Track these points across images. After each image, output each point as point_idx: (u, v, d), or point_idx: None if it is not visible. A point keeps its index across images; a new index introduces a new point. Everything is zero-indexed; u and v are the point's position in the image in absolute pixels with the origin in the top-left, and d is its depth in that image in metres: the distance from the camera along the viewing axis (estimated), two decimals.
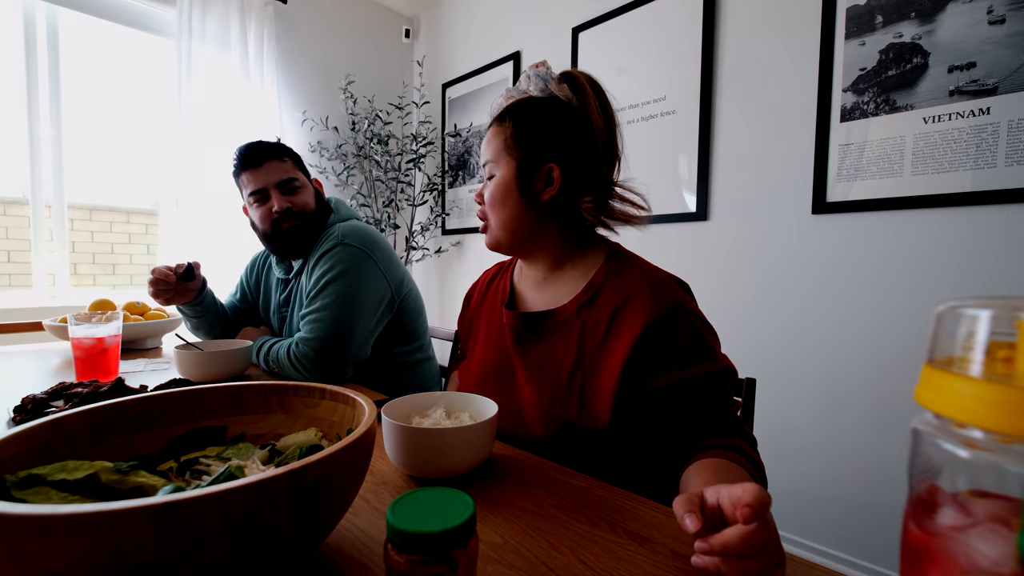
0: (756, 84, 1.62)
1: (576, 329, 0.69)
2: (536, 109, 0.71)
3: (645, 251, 1.89)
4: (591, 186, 0.71)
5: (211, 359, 1.00)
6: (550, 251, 0.74)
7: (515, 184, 0.71)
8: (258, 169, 1.15)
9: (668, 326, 0.63)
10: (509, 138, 0.72)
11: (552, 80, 0.71)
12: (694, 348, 0.63)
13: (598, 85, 0.72)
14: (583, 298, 0.70)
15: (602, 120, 0.70)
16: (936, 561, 0.21)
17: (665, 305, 0.64)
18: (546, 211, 0.72)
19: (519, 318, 0.74)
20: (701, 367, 0.62)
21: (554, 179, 0.70)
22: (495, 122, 0.75)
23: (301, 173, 1.21)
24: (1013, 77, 1.19)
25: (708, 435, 0.61)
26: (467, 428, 0.56)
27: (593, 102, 0.70)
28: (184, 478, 0.45)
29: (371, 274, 1.12)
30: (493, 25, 2.54)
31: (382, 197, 2.76)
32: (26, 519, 0.26)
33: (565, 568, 0.42)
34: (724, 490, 0.39)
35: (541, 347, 0.72)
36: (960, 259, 1.28)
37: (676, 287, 0.69)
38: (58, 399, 0.71)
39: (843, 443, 1.47)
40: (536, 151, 0.70)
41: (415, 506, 0.31)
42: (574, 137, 0.70)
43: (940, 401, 0.21)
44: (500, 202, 0.72)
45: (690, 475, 0.54)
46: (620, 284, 0.68)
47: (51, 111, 1.94)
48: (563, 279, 0.74)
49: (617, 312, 0.66)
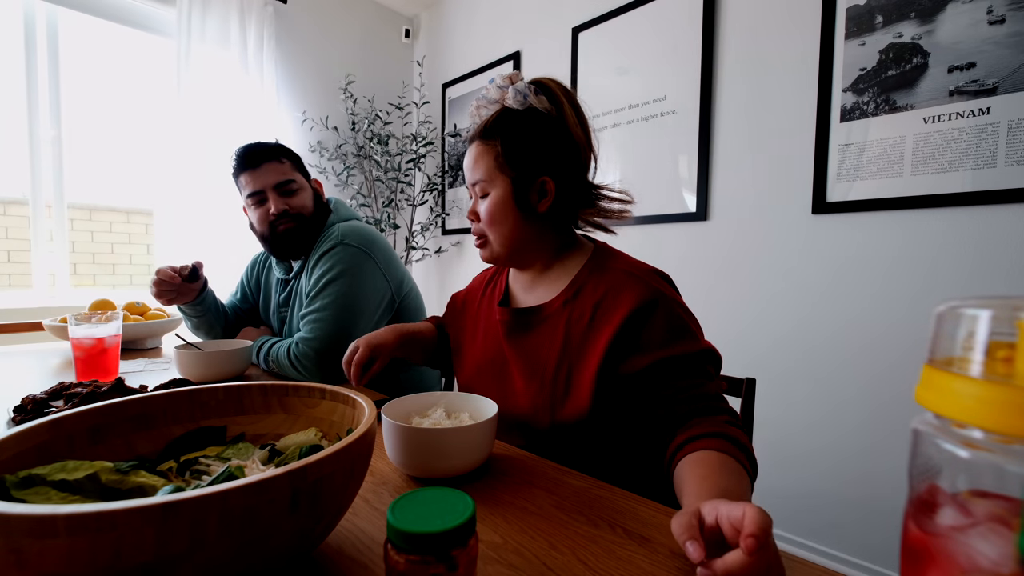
0: (756, 84, 1.62)
1: (562, 322, 0.72)
2: (521, 124, 0.73)
3: (645, 251, 1.90)
4: (581, 192, 0.75)
5: (211, 359, 1.00)
6: (543, 255, 0.78)
7: (512, 201, 0.73)
8: (256, 170, 1.14)
9: (648, 313, 0.66)
10: (500, 156, 0.73)
11: (530, 93, 0.72)
12: (674, 331, 0.65)
13: (570, 92, 0.74)
14: (568, 293, 0.73)
15: (579, 127, 0.73)
16: (936, 561, 0.21)
17: (645, 294, 0.67)
18: (542, 221, 0.75)
19: (511, 314, 0.78)
20: (681, 347, 0.64)
21: (548, 191, 0.73)
22: (479, 139, 0.75)
23: (299, 174, 1.21)
24: (1013, 77, 1.19)
25: (692, 416, 0.62)
26: (467, 428, 0.56)
27: (569, 110, 0.73)
28: (184, 478, 0.45)
29: (371, 274, 1.12)
30: (493, 25, 2.55)
31: (382, 197, 2.76)
32: (26, 519, 0.26)
33: (565, 568, 0.42)
34: (723, 509, 0.39)
35: (531, 341, 0.75)
36: (960, 259, 1.28)
37: (657, 278, 0.71)
38: (58, 399, 0.71)
39: (843, 443, 1.47)
40: (528, 166, 0.72)
41: (415, 506, 0.31)
42: (560, 147, 0.73)
43: (940, 401, 0.21)
44: (500, 220, 0.74)
45: (683, 476, 0.54)
46: (603, 278, 0.71)
47: (51, 111, 1.94)
48: (551, 278, 0.78)
49: (600, 303, 0.70)
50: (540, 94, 0.73)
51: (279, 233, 1.16)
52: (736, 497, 0.47)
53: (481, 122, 0.76)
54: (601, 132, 2.05)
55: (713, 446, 0.55)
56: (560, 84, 0.74)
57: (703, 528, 0.39)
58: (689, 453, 0.56)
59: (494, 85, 0.75)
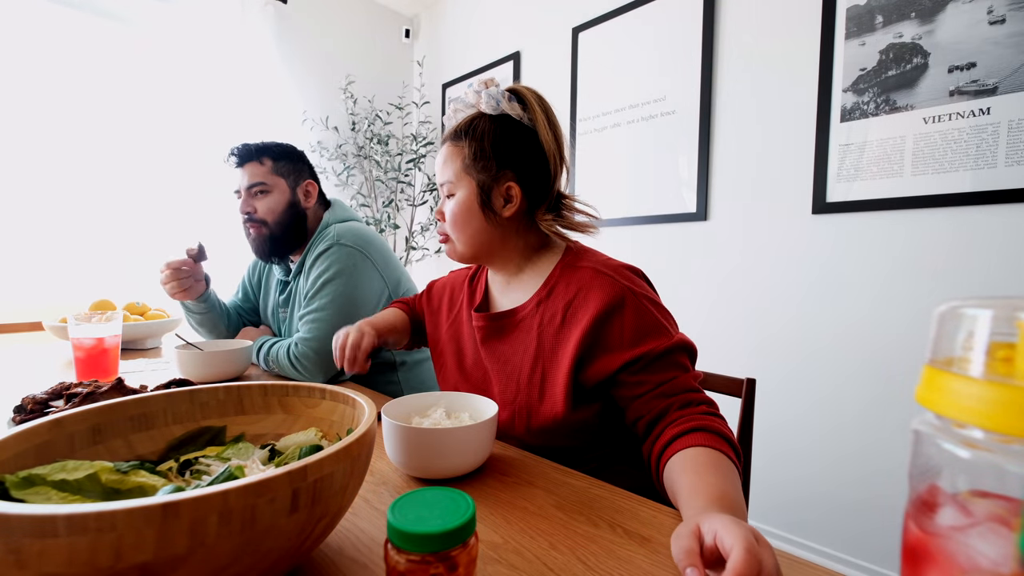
0: (756, 84, 1.62)
1: (536, 324, 0.73)
2: (491, 129, 0.73)
3: (645, 251, 1.91)
4: (547, 200, 0.75)
5: (211, 359, 1.00)
6: (512, 257, 0.78)
7: (477, 204, 0.74)
8: (240, 169, 1.17)
9: (616, 312, 0.66)
10: (467, 158, 0.74)
11: (503, 99, 0.73)
12: (644, 328, 0.65)
13: (544, 102, 0.75)
14: (541, 294, 0.74)
15: (550, 136, 0.73)
16: (936, 561, 0.21)
17: (613, 292, 0.66)
18: (507, 225, 0.75)
19: (486, 320, 0.78)
20: (652, 344, 0.64)
21: (513, 196, 0.73)
22: (450, 141, 0.76)
23: (279, 177, 1.18)
24: (1013, 77, 1.19)
25: (670, 411, 0.62)
26: (467, 428, 0.56)
27: (541, 120, 0.73)
28: (184, 478, 0.45)
29: (368, 273, 1.13)
30: (493, 25, 2.55)
31: (382, 197, 2.76)
32: (26, 519, 0.26)
33: (565, 568, 0.42)
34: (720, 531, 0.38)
35: (506, 345, 0.76)
36: (960, 259, 1.28)
37: (626, 274, 0.71)
38: (58, 399, 0.71)
39: (843, 443, 1.47)
40: (494, 171, 0.73)
41: (415, 506, 0.31)
42: (529, 154, 0.73)
43: (940, 401, 0.21)
44: (463, 222, 0.75)
45: (675, 479, 0.53)
46: (573, 277, 0.71)
47: (51, 110, 1.94)
48: (524, 279, 0.78)
49: (571, 303, 0.70)
50: (514, 101, 0.73)
51: (249, 234, 1.18)
52: (730, 500, 0.47)
53: (454, 125, 0.77)
54: (601, 132, 2.06)
55: (698, 441, 0.56)
56: (536, 93, 0.75)
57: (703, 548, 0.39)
58: (676, 452, 0.56)
59: (471, 89, 0.75)
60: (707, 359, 1.75)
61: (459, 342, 0.85)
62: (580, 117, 2.13)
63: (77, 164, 1.99)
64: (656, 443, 0.61)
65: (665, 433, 0.60)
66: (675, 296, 1.83)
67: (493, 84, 0.74)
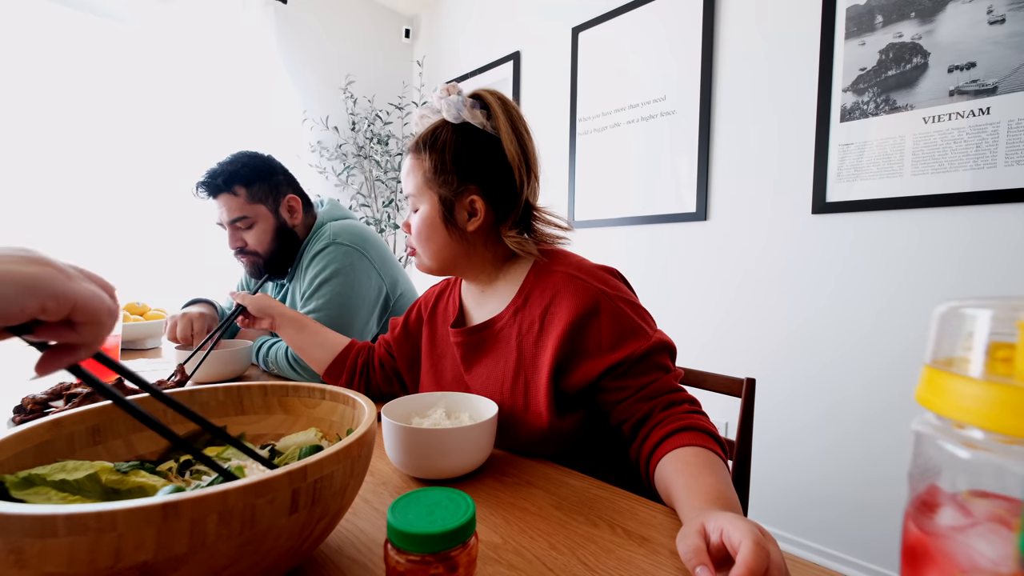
0: (756, 84, 1.62)
1: (515, 333, 0.70)
2: (452, 140, 0.70)
3: (645, 251, 1.91)
4: (514, 212, 0.71)
5: (211, 359, 1.00)
6: (483, 268, 0.75)
7: (440, 219, 0.71)
8: (215, 199, 1.13)
9: (592, 317, 0.64)
10: (428, 171, 0.70)
11: (465, 107, 0.69)
12: (621, 331, 0.64)
13: (510, 108, 0.71)
14: (517, 302, 0.71)
15: (515, 147, 0.69)
16: (936, 561, 0.21)
17: (586, 297, 0.65)
18: (473, 238, 0.72)
19: (463, 334, 0.75)
20: (630, 347, 0.63)
21: (477, 210, 0.70)
22: (412, 152, 0.73)
23: (259, 203, 1.13)
24: (1013, 77, 1.19)
25: (654, 412, 0.62)
26: (467, 428, 0.56)
27: (505, 128, 0.69)
28: (184, 478, 0.45)
29: (365, 272, 1.12)
30: (493, 25, 2.54)
31: (382, 197, 2.76)
32: (26, 519, 0.26)
33: (565, 568, 0.42)
34: (727, 528, 0.39)
35: (487, 358, 0.73)
36: (960, 259, 1.28)
37: (600, 275, 0.69)
38: (58, 399, 0.71)
39: (843, 443, 1.47)
40: (456, 184, 0.69)
41: (415, 506, 0.31)
42: (492, 166, 0.70)
43: (940, 401, 0.21)
44: (426, 237, 0.72)
45: (669, 480, 0.53)
46: (548, 282, 0.69)
47: (51, 111, 1.94)
48: (498, 288, 0.75)
49: (546, 310, 0.68)
50: (477, 108, 0.69)
51: (244, 263, 1.18)
52: (727, 498, 0.48)
53: (418, 135, 0.74)
54: (601, 132, 2.06)
55: (687, 441, 0.56)
56: (500, 98, 0.70)
57: (709, 546, 0.39)
58: (665, 453, 0.56)
59: (436, 94, 0.71)
60: (707, 359, 1.75)
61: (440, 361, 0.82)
62: (580, 117, 2.13)
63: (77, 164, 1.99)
64: (644, 445, 0.61)
65: (652, 435, 0.60)
66: (675, 296, 1.83)
67: (455, 91, 0.69)
